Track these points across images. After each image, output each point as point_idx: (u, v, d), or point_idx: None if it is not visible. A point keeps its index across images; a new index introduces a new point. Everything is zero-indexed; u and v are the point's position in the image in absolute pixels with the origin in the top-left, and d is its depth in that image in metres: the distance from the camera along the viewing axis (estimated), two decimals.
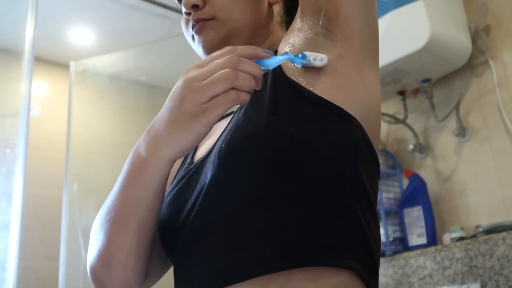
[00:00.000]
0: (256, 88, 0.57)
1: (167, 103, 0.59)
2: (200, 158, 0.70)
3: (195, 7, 0.75)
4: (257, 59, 0.58)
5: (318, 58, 0.62)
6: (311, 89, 0.62)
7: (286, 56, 0.61)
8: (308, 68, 0.64)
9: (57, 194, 2.61)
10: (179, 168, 0.77)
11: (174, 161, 0.61)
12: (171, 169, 0.62)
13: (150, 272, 0.69)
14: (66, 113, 2.63)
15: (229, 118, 0.73)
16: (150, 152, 0.60)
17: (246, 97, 0.56)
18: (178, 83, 0.58)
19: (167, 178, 0.63)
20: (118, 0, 2.54)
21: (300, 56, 0.61)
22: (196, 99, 0.55)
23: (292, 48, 0.67)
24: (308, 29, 0.66)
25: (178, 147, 0.58)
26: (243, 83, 0.55)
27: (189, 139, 0.57)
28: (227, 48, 0.58)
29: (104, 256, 0.63)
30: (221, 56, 0.57)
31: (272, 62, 0.59)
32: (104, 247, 0.63)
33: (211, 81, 0.55)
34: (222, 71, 0.55)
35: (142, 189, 0.61)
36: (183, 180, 0.69)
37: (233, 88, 0.55)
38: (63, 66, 2.95)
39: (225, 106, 0.55)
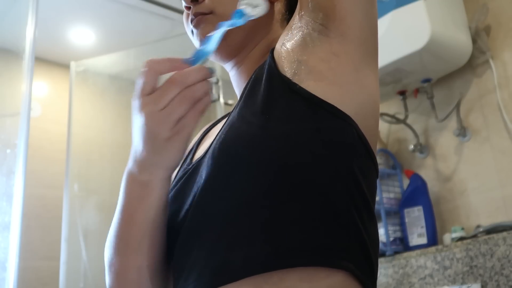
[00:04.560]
0: (212, 81, 0.60)
1: (139, 136, 0.59)
2: (198, 159, 0.70)
3: (194, 1, 0.75)
4: (197, 50, 0.61)
5: (255, 8, 0.62)
6: (305, 87, 0.61)
7: (223, 28, 0.62)
8: (302, 66, 0.63)
9: (57, 194, 2.61)
10: (179, 169, 0.78)
11: (171, 176, 0.63)
12: (170, 185, 0.64)
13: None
14: (67, 113, 2.64)
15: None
16: (148, 177, 0.61)
17: (206, 101, 0.58)
18: (141, 118, 0.58)
19: (168, 195, 0.65)
20: (119, 0, 2.54)
21: (235, 15, 0.61)
22: (166, 128, 0.57)
23: (287, 45, 0.67)
24: (305, 25, 0.66)
25: (171, 164, 0.61)
26: (198, 95, 0.57)
27: (177, 156, 0.60)
28: (149, 69, 0.61)
29: (120, 277, 0.65)
30: (167, 88, 0.58)
31: (210, 43, 0.61)
32: (120, 270, 0.65)
33: (171, 108, 0.57)
34: (178, 96, 0.57)
35: (149, 211, 0.63)
36: (181, 181, 0.69)
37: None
38: (64, 66, 2.95)
39: (196, 119, 0.58)
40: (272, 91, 0.63)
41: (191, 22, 0.77)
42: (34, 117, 2.73)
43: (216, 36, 0.61)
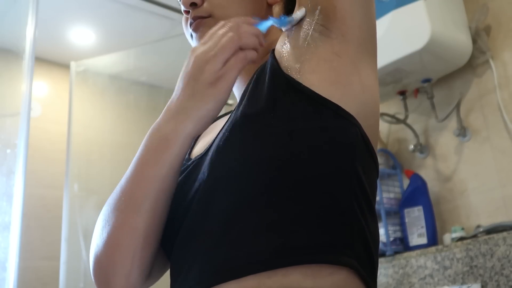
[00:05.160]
0: (261, 46, 0.64)
1: (181, 82, 0.63)
2: (198, 156, 0.70)
3: (193, 5, 0.76)
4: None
5: (298, 13, 0.67)
6: (309, 86, 0.62)
7: (271, 21, 0.67)
8: (305, 65, 0.63)
9: (57, 194, 2.61)
10: None
11: (195, 137, 0.64)
12: (190, 145, 0.64)
13: (151, 270, 0.69)
14: (67, 113, 2.64)
15: (227, 117, 0.73)
16: (172, 127, 0.62)
17: (253, 54, 0.62)
18: (189, 61, 0.62)
19: (185, 156, 0.65)
20: (119, 0, 2.54)
21: (283, 17, 0.67)
22: (211, 68, 0.60)
23: (289, 45, 0.67)
24: (306, 26, 0.66)
25: (201, 119, 0.62)
26: (247, 41, 0.62)
27: (211, 108, 0.62)
28: (222, 22, 0.64)
29: (115, 241, 0.62)
30: (220, 28, 0.63)
31: (261, 26, 0.66)
32: (115, 230, 0.62)
33: (220, 47, 0.60)
34: (227, 36, 0.61)
35: (161, 168, 0.62)
36: (181, 177, 0.69)
37: (240, 50, 0.61)
38: (64, 66, 2.95)
39: (238, 68, 0.61)
40: (276, 90, 0.63)
41: (190, 25, 0.77)
42: (34, 117, 2.73)
43: (267, 23, 0.67)
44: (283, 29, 0.69)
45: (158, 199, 0.62)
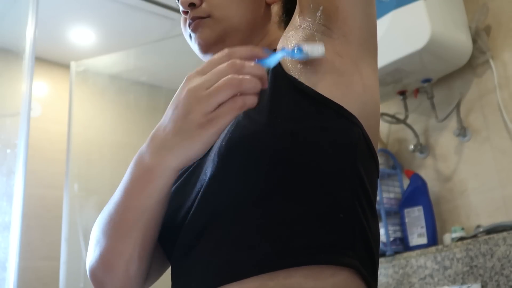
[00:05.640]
0: (263, 88, 0.55)
1: (171, 112, 0.58)
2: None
3: (192, 5, 0.76)
4: (257, 59, 0.57)
5: (315, 49, 0.60)
6: (311, 86, 0.62)
7: (284, 53, 0.60)
8: (308, 66, 0.63)
9: (57, 194, 2.61)
10: None
11: (180, 170, 0.60)
12: (175, 178, 0.62)
13: (150, 272, 0.69)
14: (67, 113, 2.64)
15: None
16: (156, 162, 0.59)
17: (253, 101, 0.55)
18: (181, 92, 0.57)
19: (171, 188, 0.63)
20: (119, 0, 2.54)
21: (296, 50, 0.60)
22: (202, 109, 0.54)
23: (291, 46, 0.67)
24: (307, 26, 0.66)
25: (186, 156, 0.58)
26: (248, 87, 0.54)
27: (197, 149, 0.57)
28: (226, 52, 0.57)
29: (106, 261, 0.63)
30: (221, 61, 0.56)
31: (272, 60, 0.58)
32: (106, 253, 0.63)
33: (215, 89, 0.54)
34: (226, 77, 0.54)
35: (146, 199, 0.60)
36: (182, 178, 0.69)
37: (239, 94, 0.54)
38: (64, 66, 2.95)
39: (232, 114, 0.54)
40: (278, 90, 0.63)
41: (189, 26, 0.77)
42: (34, 117, 2.73)
43: (277, 56, 0.59)
44: (296, 59, 0.64)
45: (147, 226, 0.62)
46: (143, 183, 0.60)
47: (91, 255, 0.66)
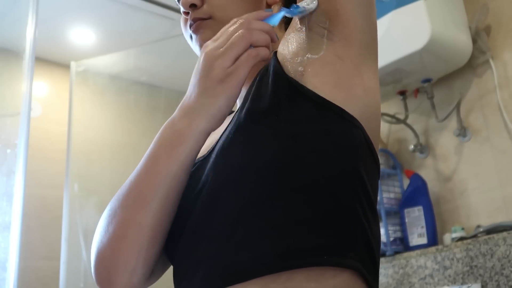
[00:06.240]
0: (273, 42, 0.63)
1: (193, 79, 0.63)
2: (201, 157, 0.70)
3: (193, 6, 0.76)
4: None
5: (310, 3, 0.66)
6: (312, 89, 0.62)
7: (283, 12, 0.65)
8: (309, 68, 0.64)
9: (57, 194, 2.61)
10: None
11: (209, 133, 0.63)
12: (203, 143, 0.64)
13: (154, 269, 0.69)
14: (67, 113, 2.64)
15: (230, 117, 0.73)
16: (186, 124, 0.61)
17: (265, 52, 0.61)
18: (200, 58, 0.62)
19: (197, 155, 0.64)
20: (119, 0, 2.54)
21: (295, 7, 0.66)
22: (221, 64, 0.60)
23: (291, 48, 0.67)
24: (308, 29, 0.66)
25: (213, 116, 0.61)
26: (258, 38, 0.61)
27: (222, 105, 0.61)
28: (234, 19, 0.64)
29: (121, 236, 0.61)
30: (231, 25, 0.63)
31: (275, 19, 0.65)
32: (123, 226, 0.61)
33: (230, 44, 0.60)
34: (237, 33, 0.61)
35: (173, 164, 0.61)
36: None
37: (251, 47, 0.61)
38: (64, 66, 2.95)
39: (248, 65, 0.60)
40: (279, 92, 0.63)
41: (190, 27, 0.77)
42: (34, 117, 2.73)
43: (279, 15, 0.66)
44: (296, 16, 0.68)
45: (168, 197, 0.62)
46: (171, 147, 0.62)
47: (101, 235, 0.63)
